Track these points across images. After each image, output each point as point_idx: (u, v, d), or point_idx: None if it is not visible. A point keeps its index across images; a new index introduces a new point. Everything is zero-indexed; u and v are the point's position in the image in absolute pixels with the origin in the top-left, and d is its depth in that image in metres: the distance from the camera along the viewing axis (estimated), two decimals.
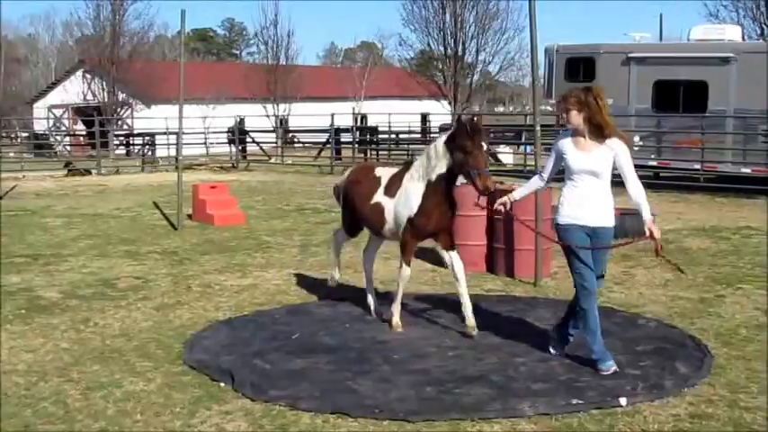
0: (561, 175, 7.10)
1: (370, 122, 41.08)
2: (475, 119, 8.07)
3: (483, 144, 7.57)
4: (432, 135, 42.08)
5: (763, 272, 11.06)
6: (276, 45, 50.11)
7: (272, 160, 33.41)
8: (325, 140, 32.67)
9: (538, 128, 10.89)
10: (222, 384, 6.76)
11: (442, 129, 37.81)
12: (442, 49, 34.77)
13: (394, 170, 8.67)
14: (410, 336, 8.11)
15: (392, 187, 8.39)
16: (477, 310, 8.30)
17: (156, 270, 11.51)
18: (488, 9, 34.28)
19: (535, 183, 7.42)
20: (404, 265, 8.31)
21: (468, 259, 11.06)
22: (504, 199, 7.36)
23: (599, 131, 6.72)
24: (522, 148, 30.21)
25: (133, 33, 44.90)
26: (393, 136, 38.16)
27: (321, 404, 6.27)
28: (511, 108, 77.55)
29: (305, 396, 6.42)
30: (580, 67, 23.62)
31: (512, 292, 10.09)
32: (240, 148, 34.11)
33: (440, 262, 11.42)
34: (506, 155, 31.39)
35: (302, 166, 31.26)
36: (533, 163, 11.04)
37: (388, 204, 8.36)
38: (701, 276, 10.67)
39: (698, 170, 21.93)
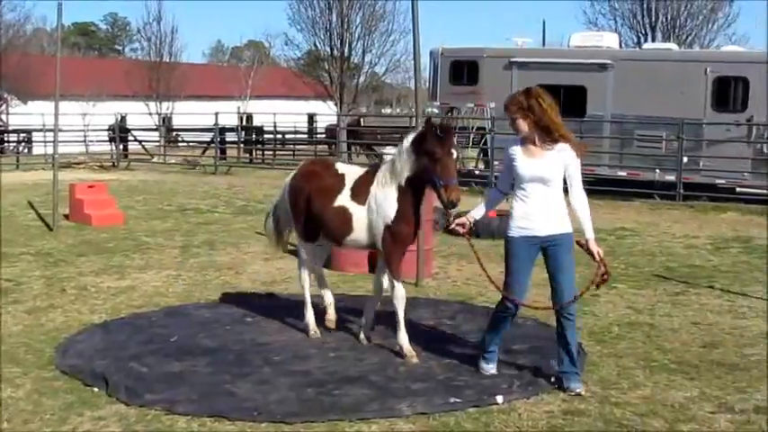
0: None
1: (256, 122, 40.70)
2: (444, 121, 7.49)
3: (453, 151, 6.90)
4: (318, 135, 42.11)
5: (636, 271, 11.45)
6: (159, 42, 49.19)
7: (155, 159, 32.79)
8: (209, 140, 32.25)
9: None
10: (95, 389, 6.59)
11: (328, 130, 38.02)
12: (328, 49, 34.75)
13: (358, 171, 7.80)
14: (292, 337, 8.08)
15: (359, 192, 7.50)
16: (358, 311, 8.33)
17: (29, 272, 11.14)
18: (375, 11, 34.42)
19: (494, 197, 6.91)
20: (395, 283, 7.37)
21: (350, 260, 11.18)
22: (463, 219, 6.80)
23: (548, 134, 6.39)
24: None
25: (8, 26, 43.37)
26: (279, 136, 37.96)
27: (198, 408, 6.18)
28: (398, 110, 78.04)
29: (182, 400, 6.32)
30: (464, 70, 23.97)
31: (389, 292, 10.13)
32: (121, 146, 33.36)
33: (324, 263, 11.45)
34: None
35: (185, 165, 30.78)
36: None
37: (357, 212, 7.46)
38: (577, 276, 10.92)
39: None
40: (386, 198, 7.27)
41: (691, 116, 20.39)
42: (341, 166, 7.99)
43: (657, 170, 21.10)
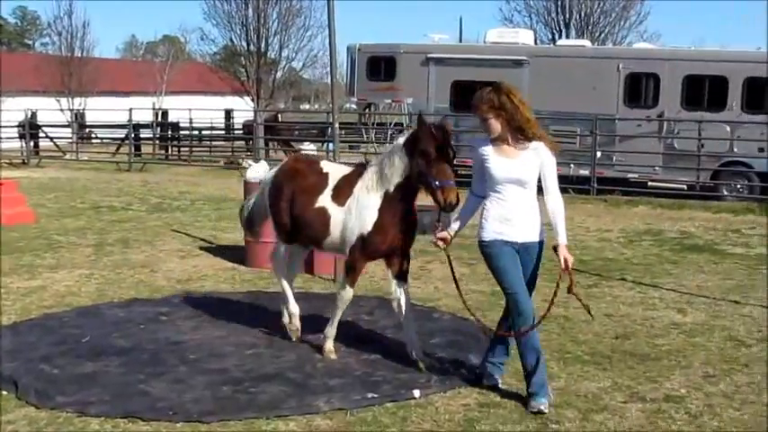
0: None
1: (171, 118, 40.14)
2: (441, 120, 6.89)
3: (450, 151, 6.57)
4: (235, 132, 41.70)
5: (551, 265, 11.54)
6: (71, 36, 47.92)
7: (67, 156, 32.10)
8: (123, 136, 31.70)
9: (336, 125, 10.99)
10: (4, 393, 6.42)
11: (246, 126, 37.68)
12: (244, 44, 34.34)
13: (344, 170, 7.41)
14: (208, 335, 7.99)
15: (341, 193, 7.12)
16: (271, 308, 8.30)
17: None
18: (291, 6, 34.14)
19: (472, 203, 6.44)
20: (346, 286, 7.16)
21: (268, 257, 11.08)
22: (444, 234, 6.41)
23: (521, 133, 6.07)
24: (325, 145, 30.39)
25: None
26: (195, 132, 37.53)
27: (111, 409, 6.07)
28: (316, 105, 77.80)
29: (94, 401, 6.21)
30: (381, 65, 23.99)
31: (311, 290, 10.12)
32: (32, 143, 32.55)
33: (240, 260, 11.39)
34: (310, 151, 31.43)
35: (99, 162, 30.19)
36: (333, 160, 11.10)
37: (336, 214, 7.09)
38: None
39: None
40: (368, 205, 6.87)
41: (604, 112, 20.81)
42: (326, 165, 7.58)
43: (572, 165, 21.45)
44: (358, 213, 6.93)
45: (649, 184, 21.45)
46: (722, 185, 20.42)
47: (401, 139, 6.82)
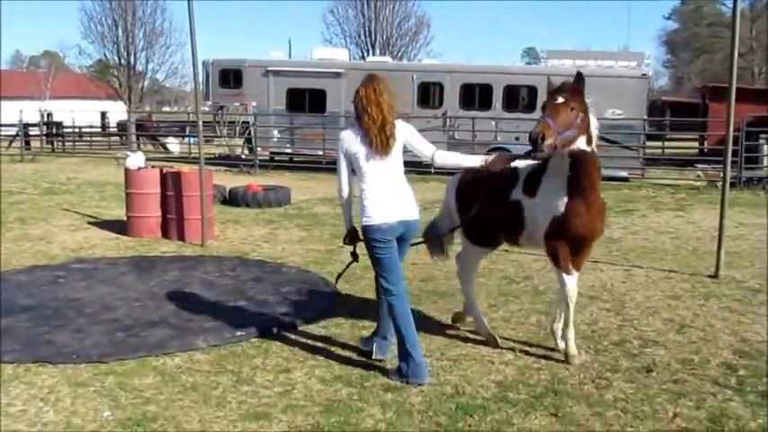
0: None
1: (56, 118, 37.62)
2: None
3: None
4: (110, 129, 39.64)
5: None
6: None
7: None
8: (14, 133, 29.45)
9: (200, 123, 10.64)
10: None
11: (119, 125, 35.86)
12: (116, 58, 32.65)
13: (531, 163, 5.46)
14: (100, 292, 7.56)
15: (532, 184, 5.44)
16: (151, 268, 7.95)
17: None
18: (155, 27, 32.76)
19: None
20: (564, 276, 5.33)
21: (146, 228, 10.67)
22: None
23: None
24: (186, 139, 29.53)
25: None
26: (76, 130, 35.45)
27: (22, 356, 5.66)
28: (176, 108, 75.05)
29: (8, 350, 5.75)
30: (231, 76, 23.41)
31: (183, 253, 9.79)
32: None
33: (123, 231, 10.85)
34: (173, 145, 30.43)
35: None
36: (197, 151, 10.72)
37: (529, 204, 5.44)
38: (326, 234, 11.06)
39: (321, 155, 22.73)
40: (556, 187, 5.24)
41: (403, 111, 20.89)
42: (516, 162, 5.49)
43: None
44: (547, 198, 5.30)
45: None
46: None
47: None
